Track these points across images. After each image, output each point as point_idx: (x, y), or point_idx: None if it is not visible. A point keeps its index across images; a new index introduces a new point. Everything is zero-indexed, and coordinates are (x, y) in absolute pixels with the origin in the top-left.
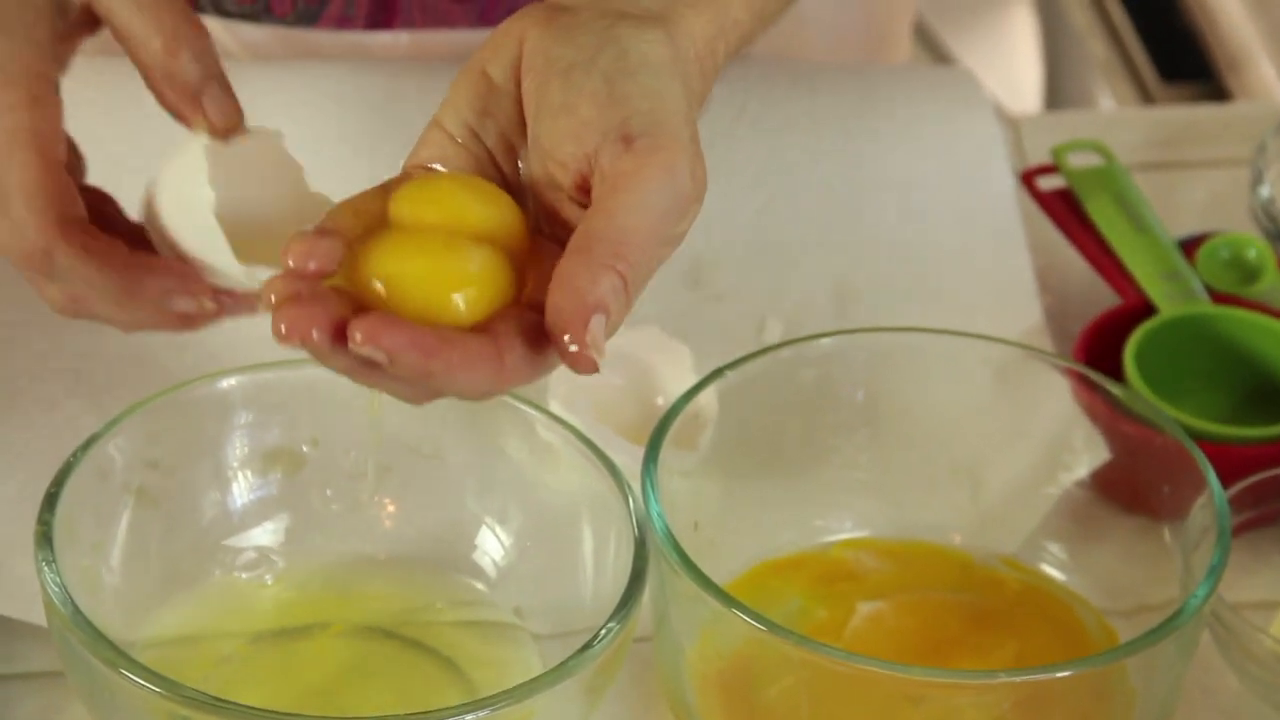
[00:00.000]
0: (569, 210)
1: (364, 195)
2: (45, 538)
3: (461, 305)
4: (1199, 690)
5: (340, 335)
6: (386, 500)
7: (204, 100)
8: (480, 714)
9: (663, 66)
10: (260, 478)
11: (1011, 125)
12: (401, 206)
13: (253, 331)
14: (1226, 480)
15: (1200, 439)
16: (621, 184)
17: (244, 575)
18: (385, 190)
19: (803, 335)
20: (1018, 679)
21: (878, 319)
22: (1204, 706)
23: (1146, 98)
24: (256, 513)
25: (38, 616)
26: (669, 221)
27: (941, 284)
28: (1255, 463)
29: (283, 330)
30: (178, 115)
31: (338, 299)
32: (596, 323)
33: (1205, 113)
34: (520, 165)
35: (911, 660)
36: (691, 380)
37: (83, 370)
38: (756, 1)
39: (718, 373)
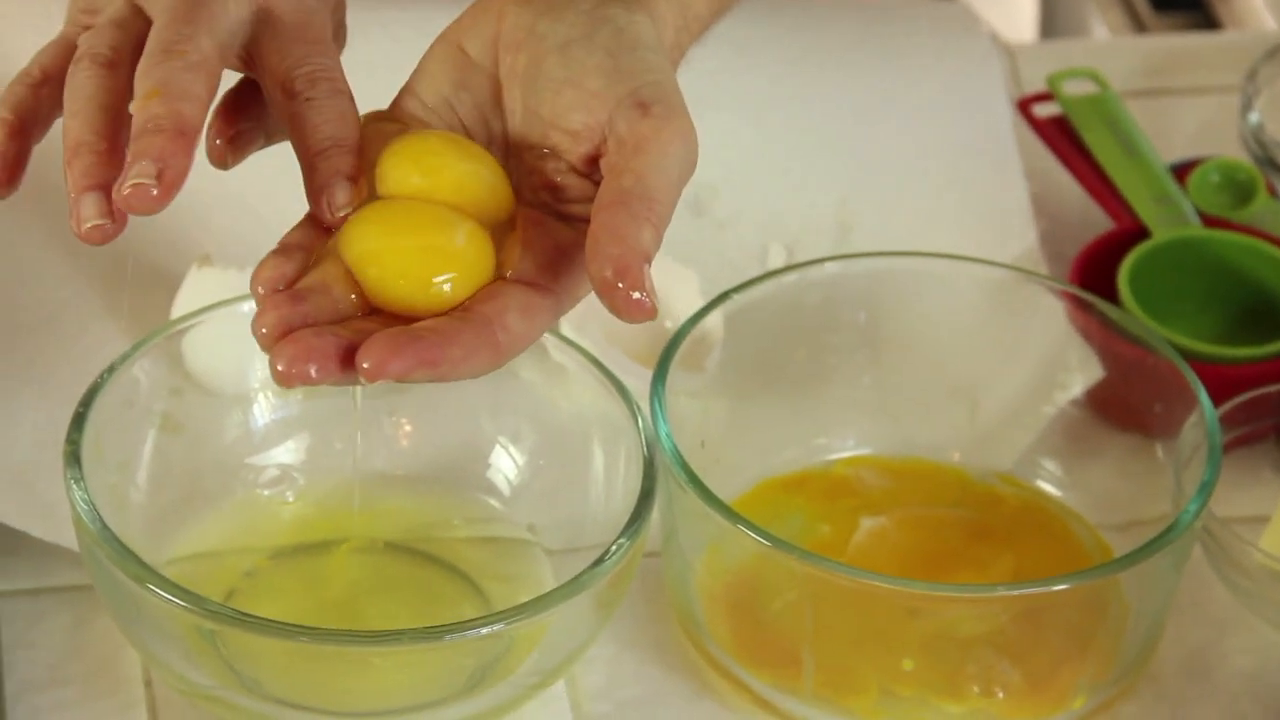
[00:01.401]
0: (568, 179)
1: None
2: (74, 456)
3: (448, 289)
4: (1190, 602)
5: (343, 361)
6: (403, 420)
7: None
8: (497, 627)
9: (656, 44)
10: (281, 398)
11: (1008, 54)
12: (389, 169)
13: None
14: (1217, 398)
15: (1192, 358)
16: (644, 146)
17: (266, 492)
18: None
19: (805, 260)
20: (1015, 593)
21: (877, 244)
22: (1194, 618)
23: (1139, 26)
24: (278, 432)
25: (68, 540)
26: (684, 180)
27: (940, 209)
28: (1245, 381)
29: (281, 370)
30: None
31: (329, 304)
32: (647, 270)
33: (1196, 41)
34: (506, 134)
35: (913, 573)
36: (698, 304)
37: (109, 295)
38: None
39: (723, 296)
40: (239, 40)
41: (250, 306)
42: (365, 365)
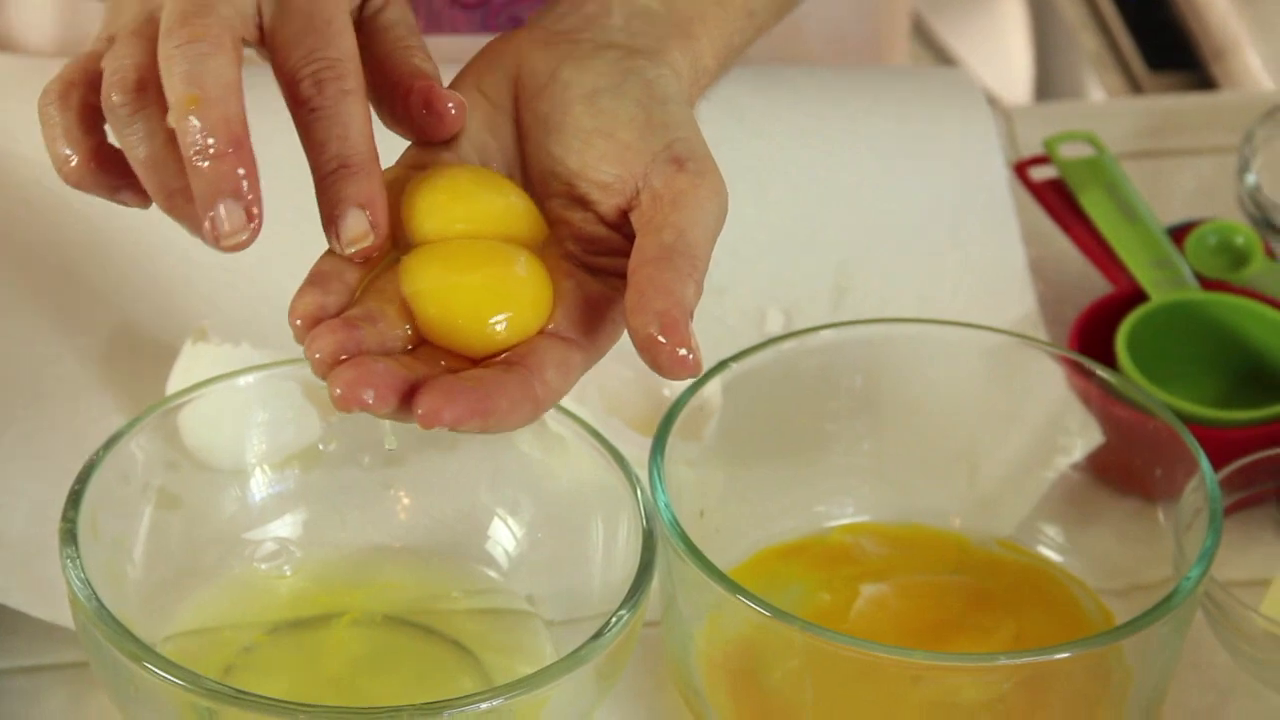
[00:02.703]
0: (594, 229)
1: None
2: (69, 534)
3: (503, 329)
4: (1192, 667)
5: (402, 396)
6: (401, 493)
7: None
8: (496, 702)
9: (682, 98)
10: (278, 473)
11: (1004, 116)
12: (430, 208)
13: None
14: (1217, 462)
15: (1191, 422)
16: (682, 201)
17: (263, 566)
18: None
19: (803, 327)
20: (1017, 661)
21: (875, 308)
22: (1197, 683)
23: (1135, 87)
24: (275, 507)
25: (65, 618)
26: (717, 235)
27: (938, 273)
28: (1245, 445)
29: (340, 394)
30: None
31: (377, 336)
32: (691, 327)
33: (1192, 102)
34: (530, 182)
35: (914, 641)
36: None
37: (106, 367)
38: (722, 52)
39: (722, 365)
40: (253, 10)
41: (246, 381)
42: (420, 411)
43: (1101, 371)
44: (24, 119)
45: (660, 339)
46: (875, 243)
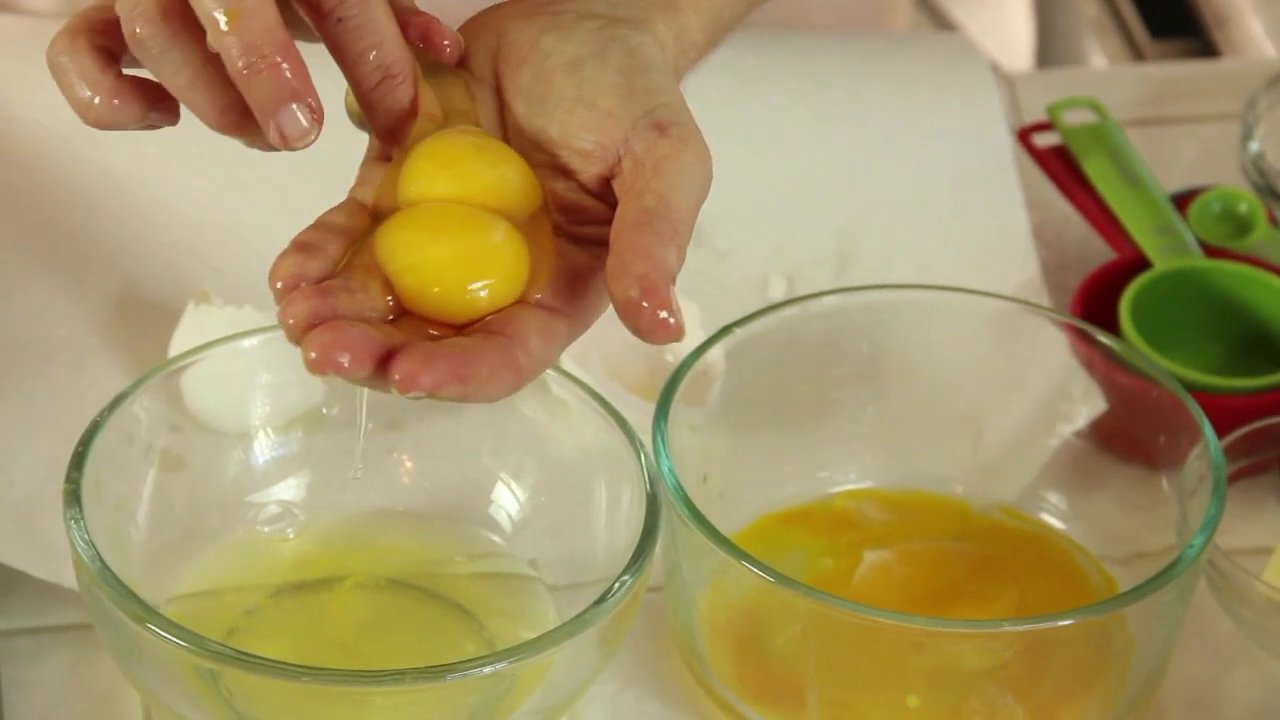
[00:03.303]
0: (578, 198)
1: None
2: (73, 496)
3: (485, 295)
4: (1194, 635)
5: (377, 362)
6: (404, 456)
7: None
8: (499, 666)
9: (665, 66)
10: (281, 436)
11: (1007, 83)
12: (421, 172)
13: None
14: (1220, 430)
15: (1195, 390)
16: (664, 167)
17: (266, 529)
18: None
19: (806, 292)
20: (1020, 628)
21: (878, 275)
22: (1199, 650)
23: (1136, 54)
24: (278, 470)
25: (68, 579)
26: (701, 201)
27: (941, 239)
28: (1249, 412)
29: (314, 358)
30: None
31: (356, 305)
32: (672, 290)
33: (1195, 69)
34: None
35: (916, 607)
36: (700, 337)
37: (109, 330)
38: (710, 25)
39: (725, 330)
40: None
41: (249, 343)
42: (397, 376)
43: (1105, 338)
44: (24, 80)
45: (642, 303)
46: (878, 208)
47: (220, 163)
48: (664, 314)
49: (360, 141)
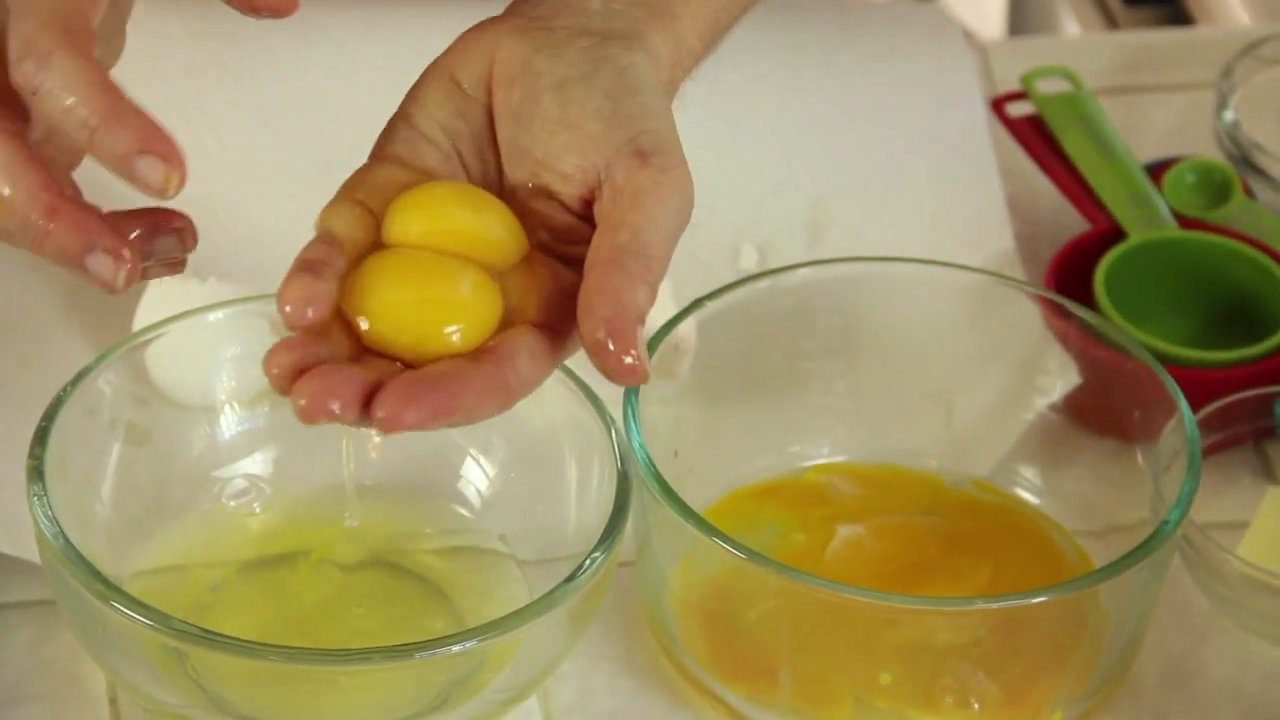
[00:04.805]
0: (563, 219)
1: (346, 198)
2: (37, 471)
3: (456, 339)
4: (1169, 610)
5: (366, 402)
6: (372, 430)
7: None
8: (469, 644)
9: (656, 88)
10: (247, 410)
11: (979, 51)
12: (400, 222)
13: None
14: (1195, 402)
15: (1170, 363)
16: (642, 199)
17: (232, 504)
18: (362, 183)
19: (778, 263)
20: (993, 605)
21: (851, 245)
22: (1174, 626)
23: (1110, 21)
24: (244, 444)
25: (31, 553)
26: (679, 234)
27: (914, 210)
28: (1224, 385)
29: (304, 406)
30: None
31: (341, 342)
32: (639, 332)
33: (1170, 37)
34: (500, 170)
35: (889, 583)
36: (671, 310)
37: (72, 303)
38: (707, 31)
39: (697, 303)
40: None
41: (215, 316)
42: (380, 415)
43: (1079, 311)
44: None
45: (609, 345)
46: (851, 179)
47: (182, 133)
48: (629, 359)
49: (319, 115)
